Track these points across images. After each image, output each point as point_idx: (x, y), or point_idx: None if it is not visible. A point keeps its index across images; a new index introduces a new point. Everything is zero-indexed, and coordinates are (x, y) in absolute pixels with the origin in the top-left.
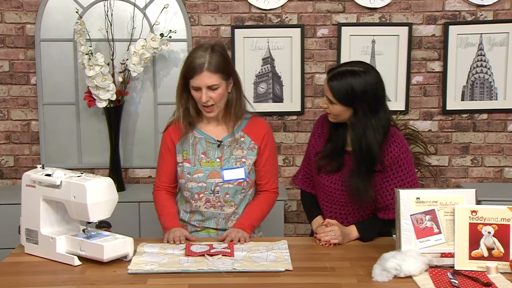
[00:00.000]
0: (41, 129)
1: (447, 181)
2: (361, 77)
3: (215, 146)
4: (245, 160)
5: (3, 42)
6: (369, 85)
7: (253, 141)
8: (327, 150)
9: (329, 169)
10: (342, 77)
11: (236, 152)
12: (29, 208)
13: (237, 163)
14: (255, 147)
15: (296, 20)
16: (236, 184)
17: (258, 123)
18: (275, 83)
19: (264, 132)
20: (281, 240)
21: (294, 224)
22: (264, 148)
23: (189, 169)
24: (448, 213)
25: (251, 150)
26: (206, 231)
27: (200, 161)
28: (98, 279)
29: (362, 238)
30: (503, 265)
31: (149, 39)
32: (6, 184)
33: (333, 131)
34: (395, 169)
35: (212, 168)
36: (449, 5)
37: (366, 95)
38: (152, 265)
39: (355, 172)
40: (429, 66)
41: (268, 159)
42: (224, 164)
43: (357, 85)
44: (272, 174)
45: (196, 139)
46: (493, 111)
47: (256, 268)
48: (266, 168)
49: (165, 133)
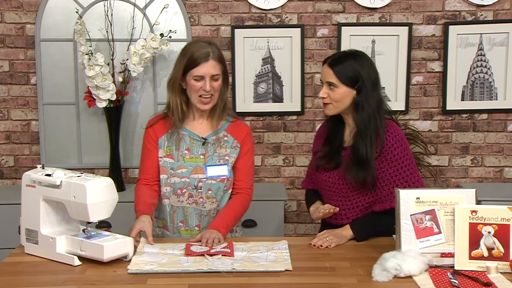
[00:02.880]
0: (41, 129)
1: (447, 181)
2: (361, 57)
3: (199, 143)
4: (228, 158)
5: (3, 42)
6: (369, 65)
7: (236, 140)
8: (326, 151)
9: (328, 167)
10: (345, 59)
11: (219, 150)
12: (29, 208)
13: (220, 161)
14: (237, 145)
15: (296, 20)
16: (219, 180)
17: (240, 124)
18: (275, 83)
19: (246, 133)
20: (281, 240)
21: (294, 224)
22: (246, 148)
23: (172, 164)
24: (448, 213)
25: (234, 149)
26: (189, 233)
27: (183, 157)
28: (98, 279)
29: (356, 237)
30: (503, 265)
31: (149, 39)
32: (6, 184)
33: (332, 133)
34: (390, 159)
35: (196, 164)
36: (449, 5)
37: (368, 74)
38: (152, 265)
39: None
40: (429, 66)
41: (248, 160)
42: (208, 161)
43: (358, 62)
44: (249, 173)
45: (180, 135)
46: (493, 111)
47: (256, 268)
48: (245, 168)
49: (149, 129)
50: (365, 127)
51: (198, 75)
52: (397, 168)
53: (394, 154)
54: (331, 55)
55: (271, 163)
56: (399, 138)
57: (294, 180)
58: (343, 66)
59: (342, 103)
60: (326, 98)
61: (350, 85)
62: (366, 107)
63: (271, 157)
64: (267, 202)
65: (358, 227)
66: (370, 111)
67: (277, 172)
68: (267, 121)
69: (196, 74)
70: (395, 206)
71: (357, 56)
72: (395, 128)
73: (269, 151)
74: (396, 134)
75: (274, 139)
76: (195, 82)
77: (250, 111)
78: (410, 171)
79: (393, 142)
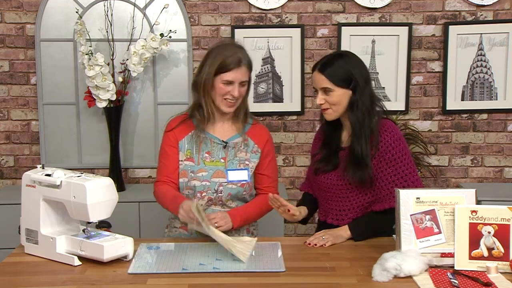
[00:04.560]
0: (41, 129)
1: (447, 181)
2: (349, 57)
3: (219, 146)
4: (248, 163)
5: (3, 42)
6: (357, 62)
7: (256, 145)
8: (324, 153)
9: (326, 169)
10: (333, 62)
11: (240, 154)
12: (29, 208)
13: (240, 165)
14: (258, 150)
15: (296, 20)
16: (239, 185)
17: (261, 128)
18: (275, 83)
19: (266, 138)
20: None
21: (294, 224)
22: (267, 153)
23: (192, 167)
24: (448, 213)
25: (254, 154)
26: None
27: (204, 160)
28: (98, 279)
29: (354, 237)
30: (503, 265)
31: (149, 39)
32: (6, 184)
33: (329, 135)
34: (388, 158)
35: (217, 168)
36: (449, 5)
37: (360, 71)
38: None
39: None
40: (429, 66)
41: (269, 164)
42: (228, 165)
43: (347, 62)
44: (273, 179)
45: (201, 138)
46: (493, 111)
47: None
48: (268, 173)
49: (170, 132)
50: (360, 125)
51: (228, 80)
52: (396, 167)
53: (392, 153)
54: (318, 61)
55: None
56: (396, 138)
57: (294, 180)
58: (333, 68)
59: (340, 105)
60: (324, 104)
61: (344, 86)
62: (361, 105)
63: None
64: None
65: (356, 227)
66: (364, 109)
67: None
68: (267, 121)
69: (226, 79)
70: (394, 205)
71: (344, 56)
72: (392, 127)
73: None
74: (394, 133)
75: (274, 139)
76: (224, 86)
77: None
78: (409, 170)
79: (391, 141)
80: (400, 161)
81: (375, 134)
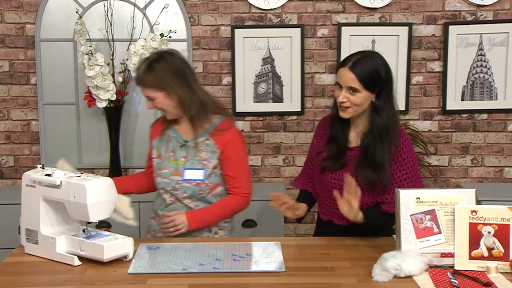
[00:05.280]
0: (41, 129)
1: (447, 181)
2: (379, 58)
3: (179, 145)
4: (206, 163)
5: (3, 42)
6: (386, 65)
7: (216, 145)
8: (331, 151)
9: (333, 168)
10: (364, 62)
11: (200, 154)
12: (29, 208)
13: (199, 165)
14: (217, 151)
15: (296, 20)
16: (194, 184)
17: (226, 127)
18: (275, 83)
19: (227, 138)
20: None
21: (294, 224)
22: (229, 154)
23: (158, 164)
24: (448, 213)
25: (212, 154)
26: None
27: (169, 158)
28: (98, 279)
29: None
30: (503, 265)
31: (149, 39)
32: (6, 184)
33: (338, 132)
34: (399, 162)
35: (176, 166)
36: (449, 5)
37: (387, 75)
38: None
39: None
40: (429, 66)
41: (234, 165)
42: (187, 164)
43: (379, 66)
44: (239, 181)
45: (170, 137)
46: (493, 111)
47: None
48: (232, 174)
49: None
50: (385, 130)
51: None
52: (406, 171)
53: (404, 158)
54: (348, 57)
55: (271, 163)
56: (408, 143)
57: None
58: (364, 69)
59: (362, 107)
60: (346, 102)
61: (371, 89)
62: (387, 110)
63: (271, 157)
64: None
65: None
66: (391, 115)
67: (277, 172)
68: (267, 121)
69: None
70: None
71: (374, 56)
72: (403, 131)
73: (269, 151)
74: (405, 138)
75: (274, 139)
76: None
77: (250, 111)
78: (417, 175)
79: (403, 146)
80: (411, 165)
81: (395, 139)
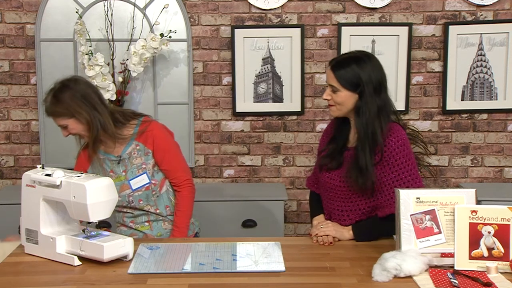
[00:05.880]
0: (41, 129)
1: (447, 181)
2: (365, 62)
3: (115, 162)
4: (145, 166)
5: (3, 42)
6: (373, 69)
7: (146, 147)
8: (330, 149)
9: (330, 167)
10: (347, 64)
11: (136, 161)
12: (29, 208)
13: (139, 171)
14: (148, 151)
15: (296, 20)
16: (144, 189)
17: (147, 127)
18: (275, 83)
19: (152, 135)
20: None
21: (294, 224)
22: (158, 149)
23: None
24: (448, 213)
25: (146, 156)
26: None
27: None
28: (98, 279)
29: (355, 239)
30: (503, 265)
31: (149, 39)
32: (6, 184)
33: (337, 132)
34: (391, 164)
35: (121, 183)
36: (449, 5)
37: (371, 79)
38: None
39: (355, 165)
40: (429, 66)
41: (165, 158)
42: (128, 176)
43: (361, 68)
44: (176, 170)
45: (101, 160)
46: (493, 111)
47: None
48: (167, 167)
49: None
50: (364, 133)
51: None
52: (399, 173)
53: (396, 159)
54: (336, 57)
55: (271, 163)
56: (401, 143)
57: (294, 180)
58: (344, 70)
59: (344, 106)
60: (329, 100)
61: (351, 89)
62: (366, 112)
63: (271, 157)
64: (267, 202)
65: (359, 230)
66: (369, 117)
67: (277, 172)
68: (267, 121)
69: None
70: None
71: (360, 60)
72: (398, 131)
73: (269, 151)
74: (399, 138)
75: (274, 139)
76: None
77: (250, 111)
78: (412, 177)
79: (395, 146)
80: (403, 166)
81: (380, 142)
